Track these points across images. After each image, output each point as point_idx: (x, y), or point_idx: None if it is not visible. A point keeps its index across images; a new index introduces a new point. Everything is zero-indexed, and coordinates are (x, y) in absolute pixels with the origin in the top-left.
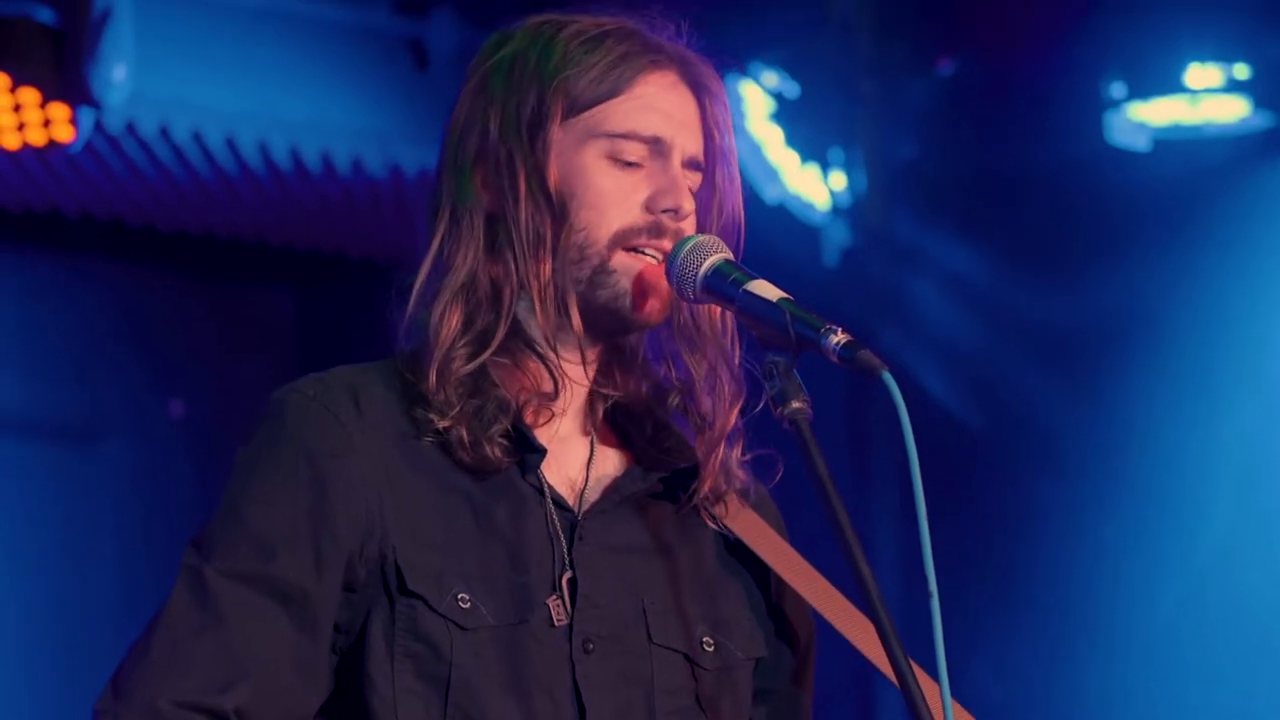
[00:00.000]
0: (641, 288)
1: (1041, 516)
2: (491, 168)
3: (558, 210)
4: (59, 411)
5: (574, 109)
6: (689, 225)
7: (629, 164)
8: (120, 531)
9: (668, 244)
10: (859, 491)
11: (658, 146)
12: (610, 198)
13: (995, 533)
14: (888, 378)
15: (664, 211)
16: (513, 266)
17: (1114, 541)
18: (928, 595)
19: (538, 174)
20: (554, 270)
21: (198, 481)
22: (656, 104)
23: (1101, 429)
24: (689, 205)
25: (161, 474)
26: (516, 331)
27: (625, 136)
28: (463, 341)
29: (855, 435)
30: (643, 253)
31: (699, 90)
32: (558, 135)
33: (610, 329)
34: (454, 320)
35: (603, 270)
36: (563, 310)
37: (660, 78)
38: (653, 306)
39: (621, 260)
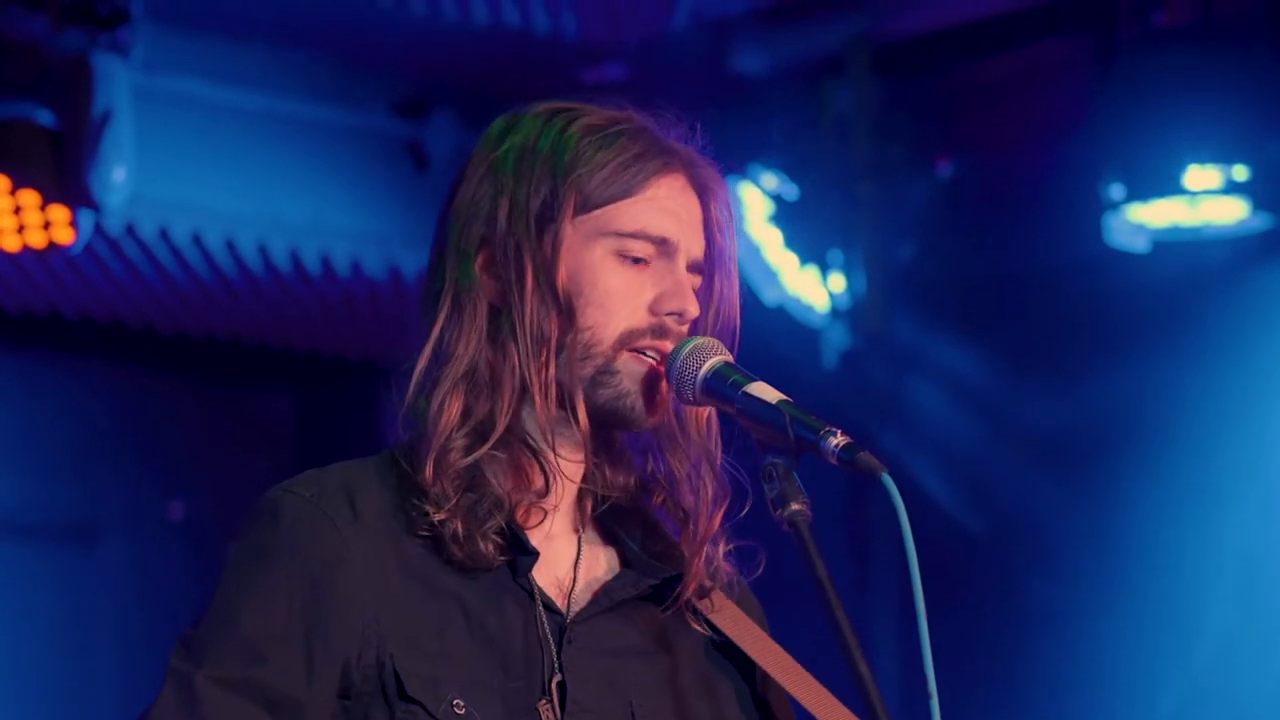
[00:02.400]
0: (645, 389)
1: (1041, 618)
2: (498, 257)
3: (564, 309)
4: (59, 512)
5: (585, 207)
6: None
7: (635, 260)
8: (120, 631)
9: (670, 345)
10: (858, 593)
11: (665, 247)
12: (617, 297)
13: (995, 634)
14: (887, 479)
15: (669, 314)
16: (515, 362)
17: (1113, 643)
18: (927, 696)
19: (546, 271)
20: (558, 368)
21: (197, 582)
22: (667, 206)
23: (1100, 530)
24: (694, 310)
25: (161, 574)
26: (512, 426)
27: (634, 235)
28: (461, 433)
29: (854, 537)
30: (644, 354)
31: (704, 192)
32: (568, 232)
33: (610, 427)
34: (454, 410)
35: (606, 370)
36: (566, 407)
37: (671, 181)
38: (655, 407)
39: (625, 361)
